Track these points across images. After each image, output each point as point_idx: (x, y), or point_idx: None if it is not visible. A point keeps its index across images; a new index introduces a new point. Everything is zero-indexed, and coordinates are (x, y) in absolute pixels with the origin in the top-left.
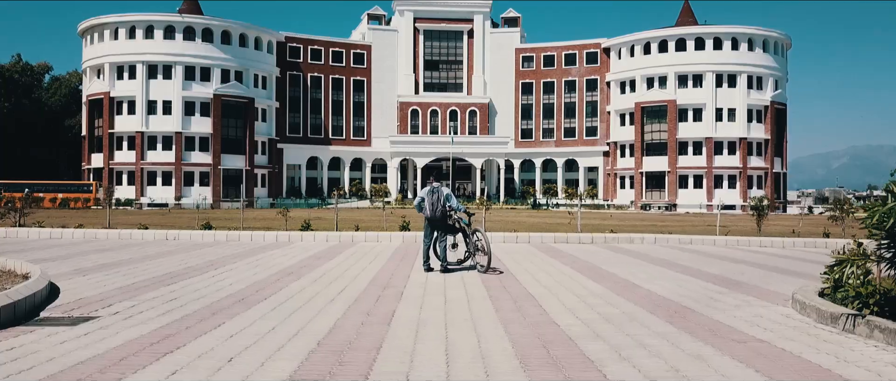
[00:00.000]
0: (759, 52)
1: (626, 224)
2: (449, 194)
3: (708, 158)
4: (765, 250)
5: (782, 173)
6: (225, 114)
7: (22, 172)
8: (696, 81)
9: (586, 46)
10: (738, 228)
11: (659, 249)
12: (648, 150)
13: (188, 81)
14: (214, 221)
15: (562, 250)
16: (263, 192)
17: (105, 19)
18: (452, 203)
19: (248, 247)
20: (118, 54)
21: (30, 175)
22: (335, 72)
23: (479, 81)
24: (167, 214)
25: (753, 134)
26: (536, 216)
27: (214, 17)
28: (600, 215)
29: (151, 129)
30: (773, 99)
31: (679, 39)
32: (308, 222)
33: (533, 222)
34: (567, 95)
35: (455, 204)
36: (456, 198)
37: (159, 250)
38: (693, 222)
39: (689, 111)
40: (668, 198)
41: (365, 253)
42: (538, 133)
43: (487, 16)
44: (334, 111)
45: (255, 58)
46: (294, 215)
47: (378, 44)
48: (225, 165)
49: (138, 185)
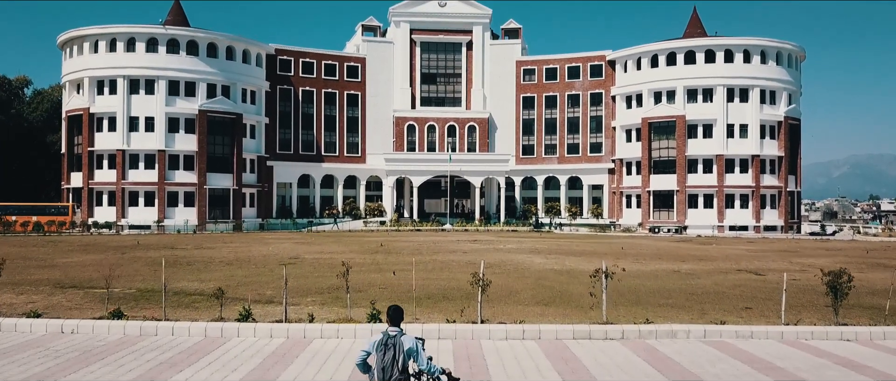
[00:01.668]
0: (773, 64)
1: (646, 273)
2: (414, 349)
3: (719, 177)
4: (886, 344)
5: (796, 192)
6: (211, 131)
7: None
8: (707, 96)
9: (590, 59)
10: (802, 300)
11: (720, 360)
12: (656, 167)
13: (172, 97)
14: (177, 260)
15: (583, 361)
16: (252, 212)
17: (85, 31)
18: (421, 363)
19: (150, 359)
20: (98, 68)
21: (8, 194)
22: (328, 86)
23: (478, 95)
24: (135, 246)
25: (766, 151)
26: (541, 245)
27: (200, 29)
28: (609, 244)
29: (133, 147)
30: (787, 114)
31: (688, 52)
32: (248, 311)
33: (539, 268)
34: (570, 109)
35: (424, 364)
36: (423, 353)
37: (21, 374)
38: (715, 256)
39: (698, 127)
40: (678, 218)
41: (319, 368)
42: (540, 149)
43: (487, 27)
44: (327, 127)
45: (244, 71)
46: (267, 252)
47: (373, 56)
48: (211, 185)
49: (119, 206)
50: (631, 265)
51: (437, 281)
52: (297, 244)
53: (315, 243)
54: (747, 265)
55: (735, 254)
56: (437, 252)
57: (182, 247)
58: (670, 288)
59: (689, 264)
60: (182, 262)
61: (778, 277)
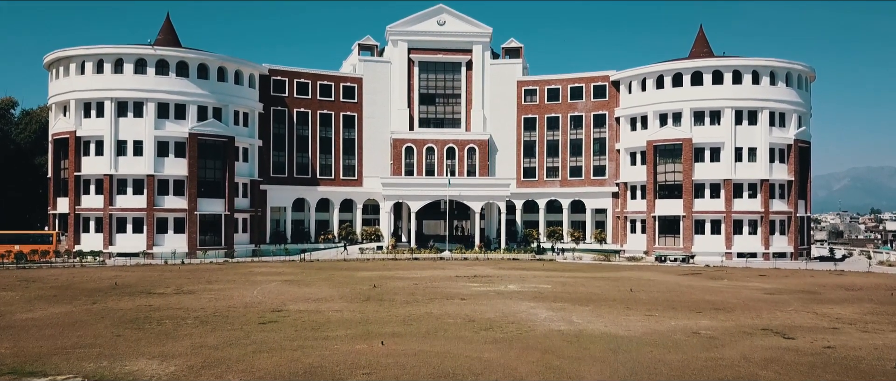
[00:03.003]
0: (782, 86)
1: (664, 338)
2: None
3: (726, 202)
4: None
5: (806, 218)
6: (202, 154)
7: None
8: (714, 118)
9: (594, 79)
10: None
11: None
12: (662, 192)
13: (161, 120)
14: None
15: None
16: (245, 237)
17: (71, 52)
18: None
19: None
20: (85, 90)
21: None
22: (323, 107)
23: (478, 116)
24: (112, 289)
25: (776, 175)
26: (544, 285)
27: (190, 50)
28: (616, 283)
29: (121, 171)
30: (797, 137)
31: (695, 73)
32: None
33: (543, 329)
34: (573, 131)
35: None
36: None
37: None
38: (732, 304)
39: (705, 151)
40: (684, 244)
41: None
42: (542, 172)
43: (487, 46)
44: (322, 149)
45: (236, 93)
46: (249, 301)
47: (370, 76)
48: (202, 210)
49: (106, 233)
50: (644, 322)
51: (431, 357)
52: (286, 284)
53: (305, 282)
54: (770, 319)
55: (752, 300)
56: (433, 298)
57: (162, 290)
58: (696, 366)
59: (707, 317)
60: (153, 319)
61: (809, 344)
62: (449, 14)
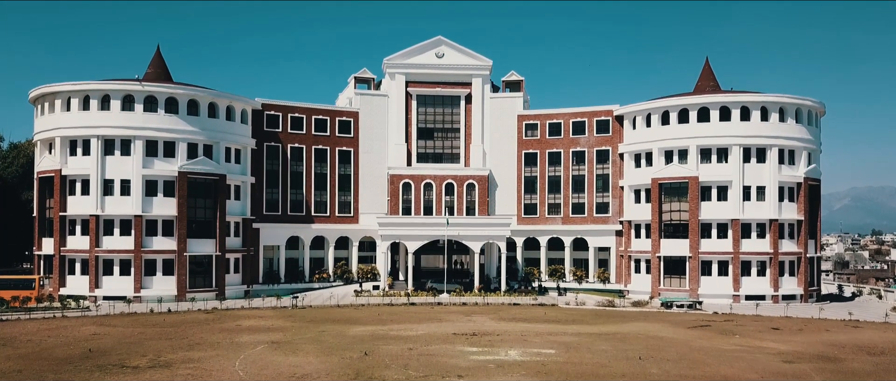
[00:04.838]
0: (792, 122)
1: None
2: None
3: (734, 243)
4: None
5: (816, 258)
6: (192, 193)
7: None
8: (721, 156)
9: (596, 113)
10: None
11: None
12: (667, 231)
13: (150, 158)
14: None
15: None
16: (237, 278)
17: (57, 88)
18: None
19: None
20: (70, 127)
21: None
22: (318, 142)
23: (477, 151)
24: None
25: (785, 215)
26: (546, 348)
27: (180, 85)
28: (623, 345)
29: (107, 211)
30: (807, 175)
31: (702, 108)
32: None
33: None
34: (575, 166)
35: None
36: None
37: None
38: (749, 376)
39: (712, 189)
40: (690, 286)
41: None
42: (543, 208)
43: (487, 79)
44: (317, 185)
45: (227, 129)
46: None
47: (366, 110)
48: (192, 252)
49: (92, 275)
50: None
51: None
52: (272, 348)
53: (292, 345)
54: None
55: (770, 372)
56: (427, 374)
57: (136, 361)
58: None
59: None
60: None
61: None
62: (448, 46)
